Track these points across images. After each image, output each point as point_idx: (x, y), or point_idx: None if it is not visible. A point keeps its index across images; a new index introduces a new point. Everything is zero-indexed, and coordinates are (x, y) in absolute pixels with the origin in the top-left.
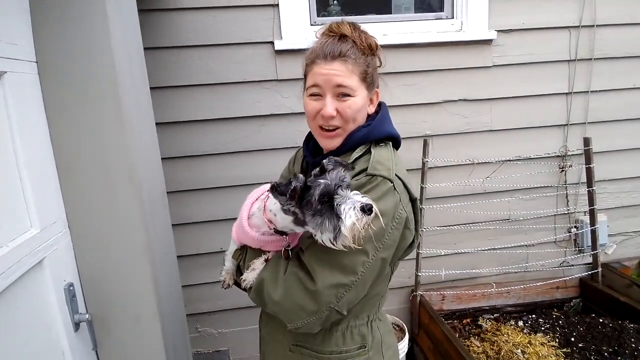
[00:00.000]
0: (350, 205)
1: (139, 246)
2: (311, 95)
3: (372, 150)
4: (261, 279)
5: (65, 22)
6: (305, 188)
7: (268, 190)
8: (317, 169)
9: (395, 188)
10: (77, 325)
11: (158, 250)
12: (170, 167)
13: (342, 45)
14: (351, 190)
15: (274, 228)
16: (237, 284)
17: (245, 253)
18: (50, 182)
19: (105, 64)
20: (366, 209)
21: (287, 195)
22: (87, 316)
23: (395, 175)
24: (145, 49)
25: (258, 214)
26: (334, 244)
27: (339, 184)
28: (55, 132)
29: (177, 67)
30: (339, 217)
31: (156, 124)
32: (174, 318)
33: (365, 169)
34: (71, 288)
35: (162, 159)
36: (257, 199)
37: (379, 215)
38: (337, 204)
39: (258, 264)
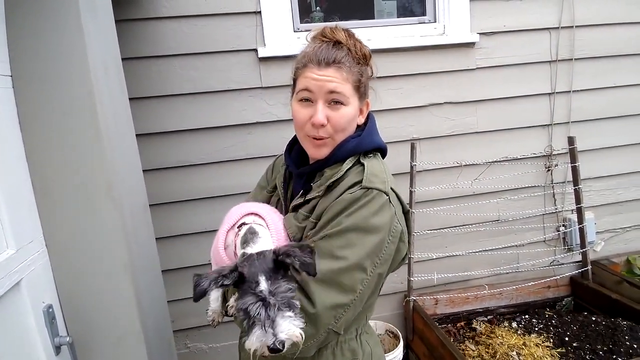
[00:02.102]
0: (261, 337)
1: (120, 264)
2: (301, 100)
3: (363, 162)
4: None
5: (40, 35)
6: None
7: (238, 226)
8: (284, 251)
9: (390, 201)
10: (57, 349)
11: (141, 266)
12: (154, 179)
13: (337, 52)
14: (284, 314)
15: None
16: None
17: None
18: (26, 200)
19: (81, 76)
20: (272, 349)
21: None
22: (68, 339)
23: (390, 188)
24: (125, 59)
25: (232, 247)
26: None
27: (278, 305)
28: (30, 147)
29: (159, 76)
30: (249, 329)
31: (138, 135)
32: (159, 336)
33: (359, 182)
34: (50, 310)
35: (144, 171)
36: (231, 227)
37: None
38: (254, 321)
39: None
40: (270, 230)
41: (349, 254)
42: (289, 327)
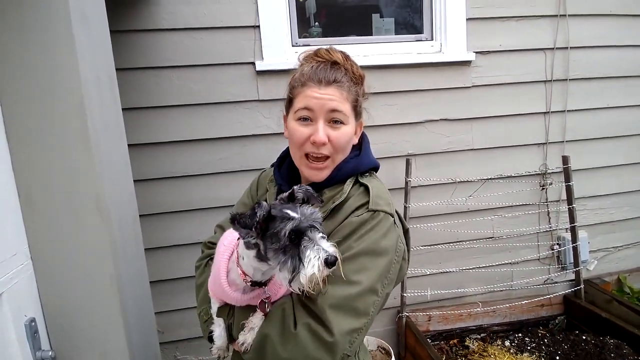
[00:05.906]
0: (315, 253)
1: (107, 277)
2: (300, 119)
3: (363, 182)
4: (265, 335)
5: (30, 45)
6: (269, 218)
7: (239, 239)
8: (285, 194)
9: (395, 222)
10: None
11: (128, 280)
12: (148, 190)
13: (336, 72)
14: (320, 234)
15: (250, 281)
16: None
17: (232, 312)
18: (11, 211)
19: (70, 86)
20: (329, 262)
21: (251, 228)
22: (50, 353)
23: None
24: (123, 69)
25: (233, 267)
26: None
27: (311, 224)
28: (16, 157)
29: (156, 87)
30: (301, 261)
31: (134, 145)
32: (145, 352)
33: (364, 204)
34: (33, 324)
35: (138, 181)
36: (232, 253)
37: (340, 266)
38: (303, 247)
39: (256, 321)
40: None
41: (363, 278)
42: (328, 244)
